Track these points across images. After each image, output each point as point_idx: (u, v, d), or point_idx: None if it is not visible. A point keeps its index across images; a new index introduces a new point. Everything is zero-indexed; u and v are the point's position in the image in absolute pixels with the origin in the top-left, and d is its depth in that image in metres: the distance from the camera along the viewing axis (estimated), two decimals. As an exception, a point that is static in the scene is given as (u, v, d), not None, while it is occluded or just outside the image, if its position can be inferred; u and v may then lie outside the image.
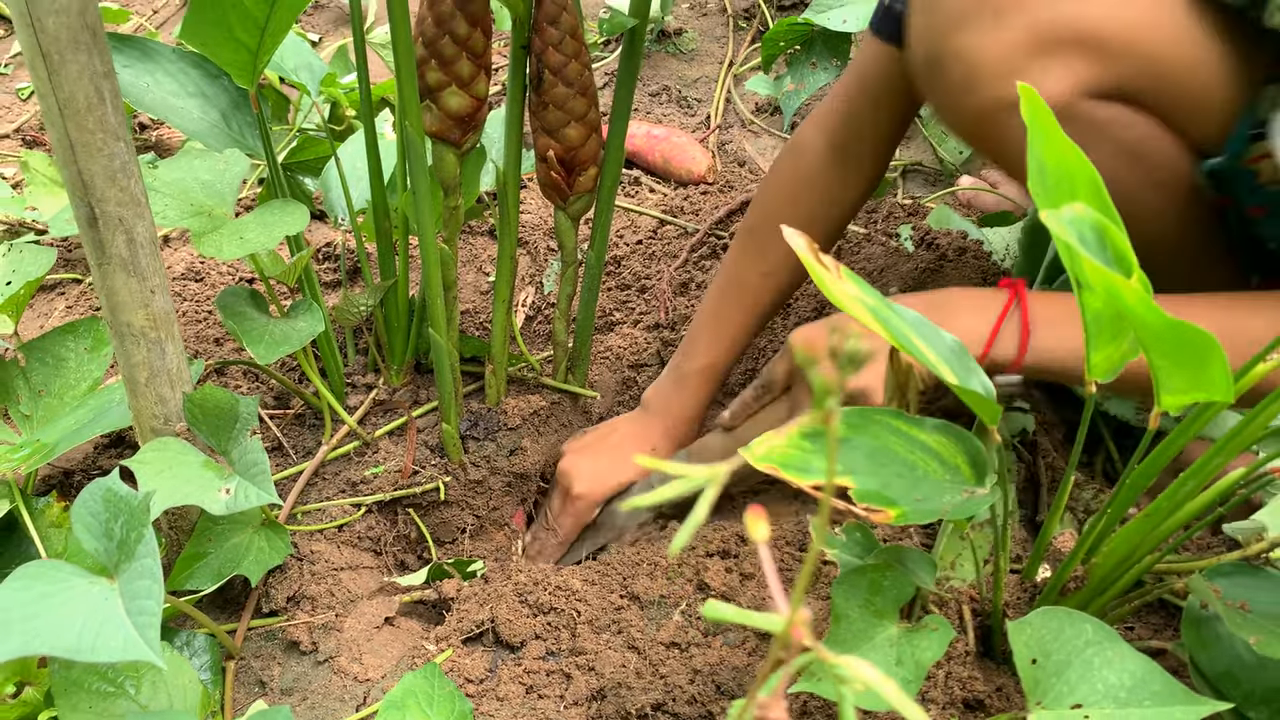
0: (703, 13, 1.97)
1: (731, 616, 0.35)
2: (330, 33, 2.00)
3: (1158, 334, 0.52)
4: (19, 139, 1.66)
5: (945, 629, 0.66)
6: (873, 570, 0.69)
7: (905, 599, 0.69)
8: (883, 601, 0.69)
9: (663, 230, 1.40)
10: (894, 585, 0.70)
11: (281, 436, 1.03)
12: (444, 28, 0.82)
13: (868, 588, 0.69)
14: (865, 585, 0.69)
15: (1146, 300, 0.50)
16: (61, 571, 0.63)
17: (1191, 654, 0.70)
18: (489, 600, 0.88)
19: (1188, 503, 0.66)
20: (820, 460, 0.61)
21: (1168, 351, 0.54)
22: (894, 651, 0.67)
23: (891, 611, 0.69)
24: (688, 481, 0.26)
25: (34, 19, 0.63)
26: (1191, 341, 0.52)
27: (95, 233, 0.71)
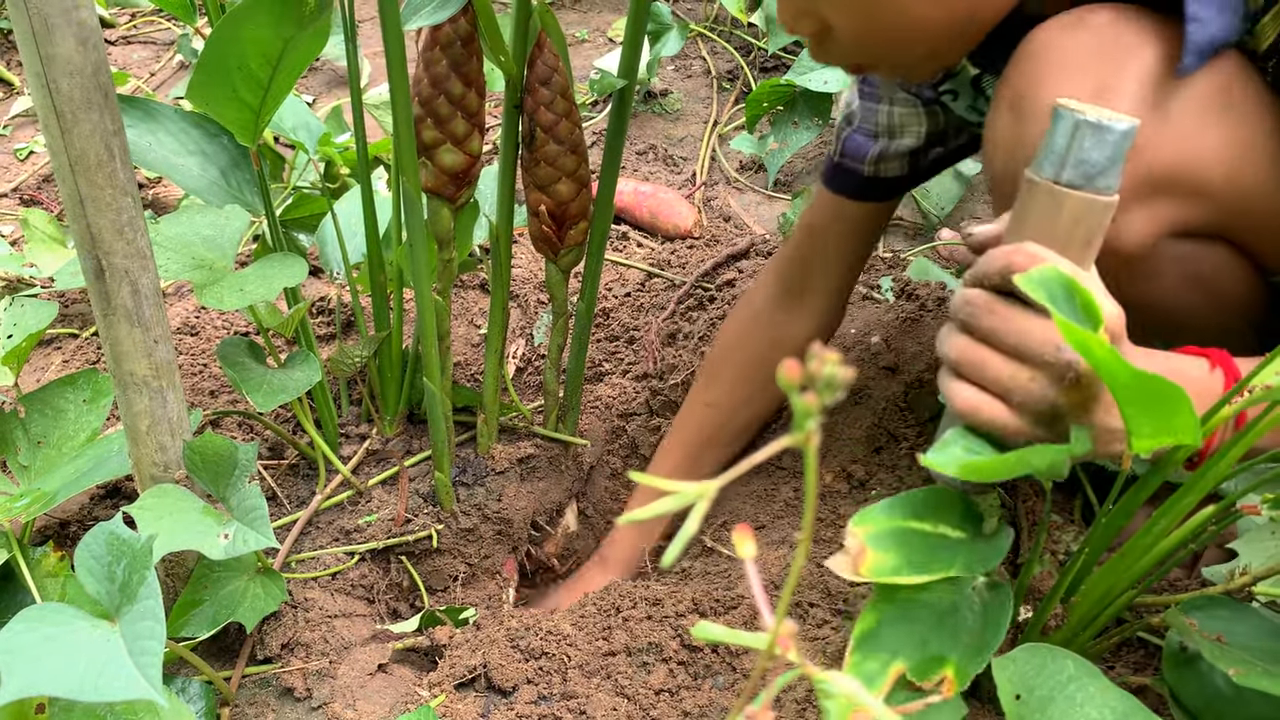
0: (687, 74, 2.02)
1: (721, 636, 0.37)
2: (324, 94, 2.05)
3: (1126, 385, 0.55)
4: (17, 198, 1.68)
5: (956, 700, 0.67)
6: None
7: None
8: None
9: (650, 283, 1.44)
10: None
11: (276, 486, 1.05)
12: (439, 88, 0.85)
13: None
14: None
15: (1114, 353, 0.52)
16: (64, 614, 0.64)
17: (1172, 688, 0.71)
18: (481, 646, 0.89)
19: (1161, 540, 0.68)
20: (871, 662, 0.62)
21: (1135, 400, 0.56)
22: None
23: None
24: (679, 497, 0.28)
25: (49, 80, 0.66)
26: (1158, 391, 0.54)
27: (102, 284, 0.73)
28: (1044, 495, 0.98)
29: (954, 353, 0.63)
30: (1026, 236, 0.61)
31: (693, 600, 0.90)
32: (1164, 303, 0.77)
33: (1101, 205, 0.59)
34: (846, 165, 1.05)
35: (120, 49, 2.18)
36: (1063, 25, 0.73)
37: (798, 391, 0.28)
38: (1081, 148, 0.57)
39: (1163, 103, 0.70)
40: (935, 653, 0.62)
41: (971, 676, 0.60)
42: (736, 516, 1.10)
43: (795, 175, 1.75)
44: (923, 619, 0.63)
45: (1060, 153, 0.58)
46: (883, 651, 0.62)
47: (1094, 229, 0.60)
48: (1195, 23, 0.68)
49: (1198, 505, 0.67)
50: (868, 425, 1.09)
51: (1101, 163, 0.58)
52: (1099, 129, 0.57)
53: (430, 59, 0.85)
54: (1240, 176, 0.71)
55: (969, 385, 0.63)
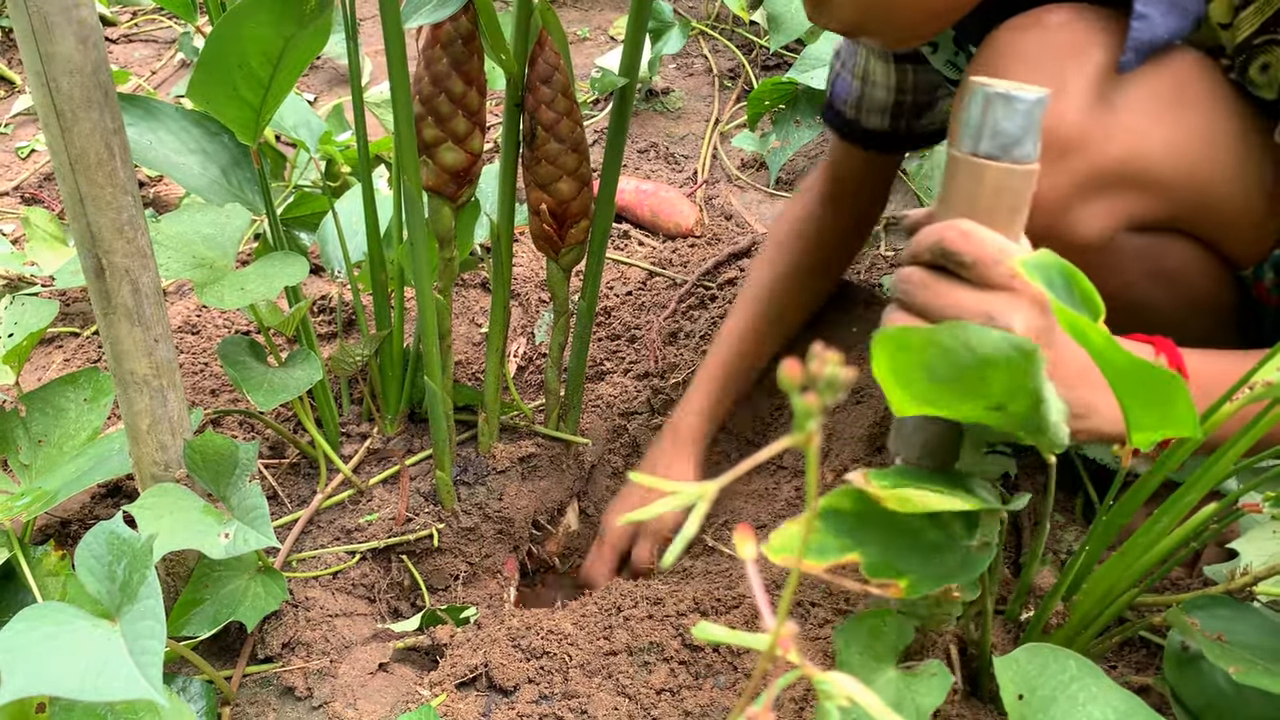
0: (689, 73, 2.02)
1: (722, 637, 0.37)
2: (325, 92, 2.05)
3: (1124, 373, 0.55)
4: (18, 196, 1.68)
5: (944, 674, 0.67)
6: (873, 617, 0.71)
7: (905, 644, 0.70)
8: (882, 646, 0.70)
9: (652, 282, 1.43)
10: (893, 630, 0.71)
11: (277, 485, 1.05)
12: (440, 86, 0.85)
13: (868, 633, 0.71)
14: (865, 631, 0.71)
15: (1112, 342, 0.53)
16: (65, 613, 0.64)
17: (1174, 688, 0.71)
18: (482, 645, 0.89)
19: (1162, 539, 0.68)
20: (832, 539, 0.63)
21: (1134, 390, 0.56)
22: (894, 694, 0.68)
23: (890, 656, 0.70)
24: (681, 498, 0.28)
25: (49, 79, 0.65)
26: (1155, 380, 0.54)
27: (102, 283, 0.73)
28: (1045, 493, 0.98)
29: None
30: (954, 210, 0.63)
31: (694, 599, 0.90)
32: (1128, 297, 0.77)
33: (1020, 174, 0.61)
34: (835, 104, 1.13)
35: (121, 47, 2.18)
36: (1021, 24, 0.75)
37: (798, 392, 0.28)
38: (995, 119, 0.59)
39: (1111, 98, 0.71)
40: (895, 564, 0.62)
41: (921, 593, 0.60)
42: (738, 515, 1.10)
43: (797, 173, 1.74)
44: (892, 534, 0.64)
45: (976, 126, 0.60)
46: (846, 538, 0.62)
47: (1017, 198, 0.62)
48: (1141, 20, 0.70)
49: (1199, 504, 0.67)
50: (868, 424, 1.09)
51: (1015, 132, 0.59)
52: (1009, 99, 0.59)
53: (431, 57, 0.85)
54: (1196, 170, 0.72)
55: None
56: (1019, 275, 0.59)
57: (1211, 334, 0.80)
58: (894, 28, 0.81)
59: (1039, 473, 1.00)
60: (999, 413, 0.58)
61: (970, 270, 0.61)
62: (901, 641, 0.70)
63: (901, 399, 0.58)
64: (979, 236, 0.61)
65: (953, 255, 0.61)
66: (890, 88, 1.08)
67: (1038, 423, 0.58)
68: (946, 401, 0.57)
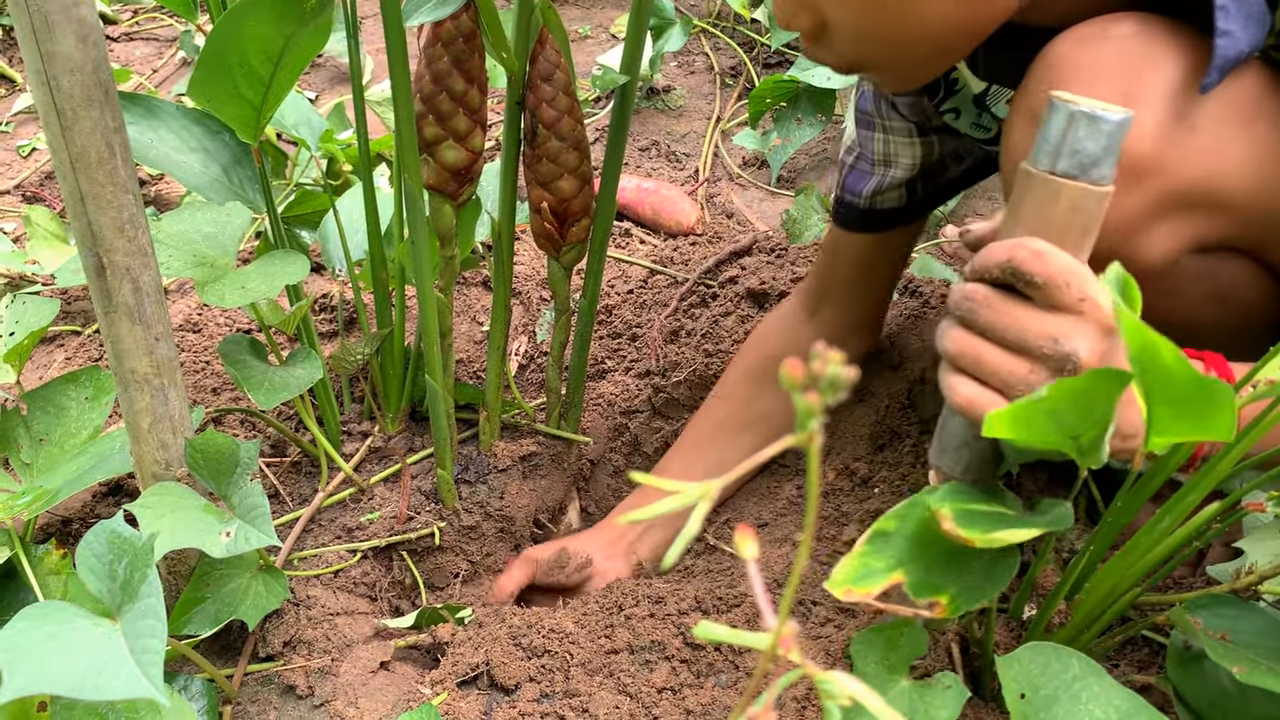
0: (690, 70, 2.02)
1: (723, 636, 0.37)
2: (326, 91, 2.05)
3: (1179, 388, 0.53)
4: (19, 195, 1.68)
5: (958, 688, 0.67)
6: (889, 628, 0.70)
7: (918, 654, 0.70)
8: (896, 657, 0.70)
9: (653, 280, 1.43)
10: (909, 641, 0.71)
11: (278, 484, 1.05)
12: (441, 85, 0.85)
13: (884, 644, 0.70)
14: (882, 642, 0.70)
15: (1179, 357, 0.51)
16: (66, 612, 0.64)
17: (1177, 687, 0.71)
18: (483, 644, 0.89)
19: (1165, 538, 0.67)
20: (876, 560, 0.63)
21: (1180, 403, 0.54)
22: (906, 705, 0.68)
23: (903, 667, 0.70)
24: (681, 498, 0.28)
25: (50, 77, 0.65)
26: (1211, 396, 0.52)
27: (103, 282, 0.73)
28: (1048, 491, 0.98)
29: (952, 346, 0.63)
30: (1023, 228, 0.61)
31: (695, 598, 0.90)
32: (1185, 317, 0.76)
33: (1097, 195, 0.60)
34: (846, 199, 1.06)
35: (122, 45, 2.18)
36: (1083, 36, 0.71)
37: (800, 390, 0.28)
38: (1077, 138, 0.58)
39: (1189, 116, 0.68)
40: (935, 581, 0.62)
41: (962, 610, 0.60)
42: (739, 514, 1.10)
43: (798, 171, 1.74)
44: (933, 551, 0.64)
45: (1056, 143, 0.59)
46: (889, 557, 0.63)
47: (1090, 219, 0.60)
48: (1225, 37, 0.66)
49: (1201, 502, 0.67)
50: (870, 423, 1.09)
51: (1096, 152, 0.58)
52: (1094, 119, 0.58)
53: (432, 55, 0.85)
54: (1265, 191, 0.69)
55: (968, 380, 0.63)
56: (1089, 299, 0.58)
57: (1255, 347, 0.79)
58: (897, 65, 0.78)
59: (1041, 471, 1.00)
60: (1073, 442, 0.58)
61: (1040, 291, 0.59)
62: (915, 652, 0.70)
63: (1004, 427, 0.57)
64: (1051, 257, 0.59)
65: (1023, 274, 0.59)
66: (914, 164, 1.02)
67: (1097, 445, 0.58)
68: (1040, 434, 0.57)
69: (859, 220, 1.06)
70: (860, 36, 0.75)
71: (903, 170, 1.02)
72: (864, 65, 0.79)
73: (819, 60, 0.79)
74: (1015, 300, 0.61)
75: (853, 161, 1.05)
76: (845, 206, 1.06)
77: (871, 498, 1.00)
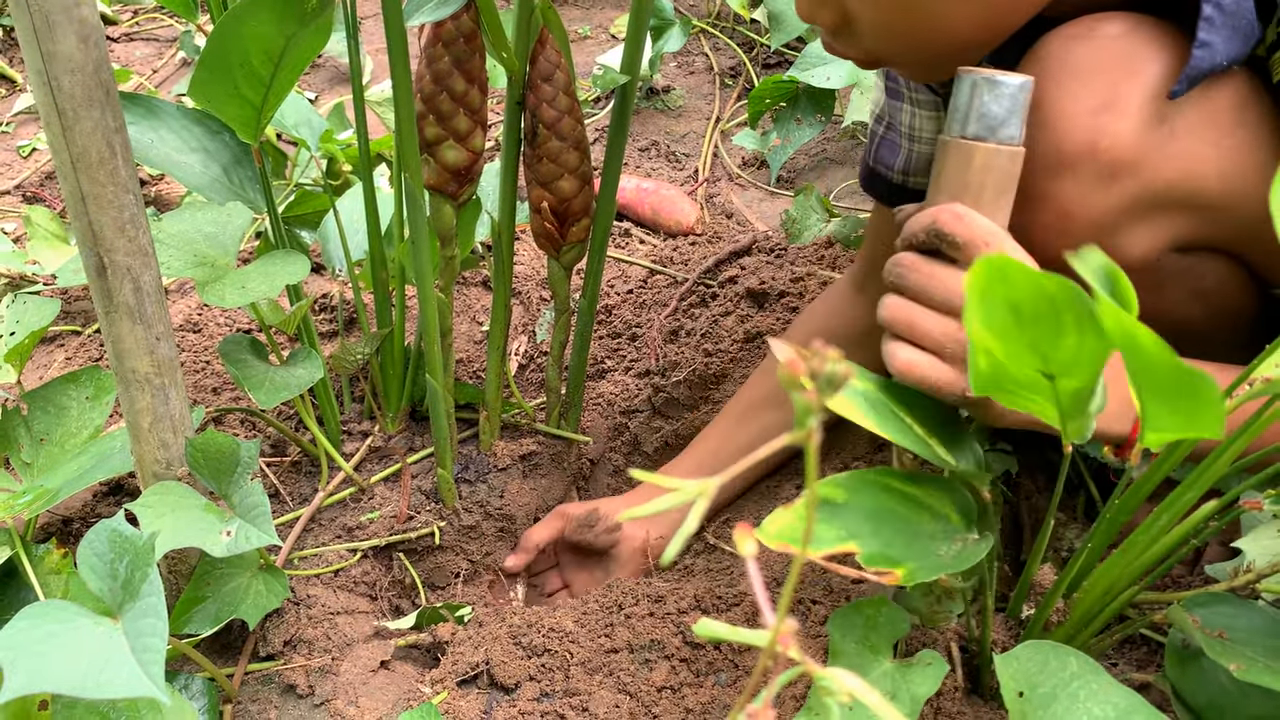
0: (690, 71, 2.02)
1: (723, 634, 0.37)
2: (326, 91, 2.05)
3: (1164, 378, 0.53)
4: (19, 195, 1.68)
5: (939, 664, 0.68)
6: (868, 606, 0.71)
7: (899, 635, 0.70)
8: (877, 637, 0.70)
9: (653, 280, 1.43)
10: (889, 622, 0.71)
11: (278, 483, 1.05)
12: (442, 85, 0.85)
13: (864, 624, 0.71)
14: (861, 620, 0.71)
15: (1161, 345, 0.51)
16: (67, 611, 0.64)
17: (1175, 685, 0.71)
18: (483, 643, 0.89)
19: (1163, 535, 0.68)
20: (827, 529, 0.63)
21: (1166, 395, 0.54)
22: (889, 685, 0.68)
23: (885, 647, 0.70)
24: (680, 494, 0.28)
25: (51, 78, 0.66)
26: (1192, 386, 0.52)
27: (103, 282, 0.73)
28: (1046, 491, 0.98)
29: (887, 314, 0.66)
30: (944, 193, 0.66)
31: (695, 597, 0.90)
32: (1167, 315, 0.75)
33: (1006, 154, 0.65)
34: (879, 171, 1.03)
35: (122, 46, 2.19)
36: (1072, 35, 0.71)
37: (798, 389, 0.28)
38: (981, 102, 0.64)
39: (1168, 120, 0.68)
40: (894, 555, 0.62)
41: (920, 579, 0.60)
42: (739, 513, 1.10)
43: (798, 172, 1.74)
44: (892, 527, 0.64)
45: (964, 109, 0.65)
46: (839, 527, 0.63)
47: (1003, 178, 0.65)
48: (1204, 49, 0.66)
49: (1198, 501, 0.67)
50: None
51: (1001, 114, 0.64)
52: (994, 83, 0.64)
53: (433, 55, 0.85)
54: (1248, 195, 0.69)
55: (905, 345, 0.65)
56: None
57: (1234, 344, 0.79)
58: (921, 59, 0.77)
59: (1040, 471, 1.00)
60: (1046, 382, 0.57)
61: (962, 251, 0.63)
62: (897, 632, 0.70)
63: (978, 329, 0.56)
64: (971, 218, 0.63)
65: (946, 236, 0.63)
66: None
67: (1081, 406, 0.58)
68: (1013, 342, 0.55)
69: (889, 194, 1.03)
70: (884, 32, 0.74)
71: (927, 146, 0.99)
72: (886, 59, 0.78)
73: (839, 54, 0.78)
74: (941, 263, 0.64)
75: (883, 132, 1.03)
76: (877, 178, 1.04)
77: (871, 497, 1.00)
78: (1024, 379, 0.57)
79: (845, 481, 0.65)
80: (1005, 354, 0.55)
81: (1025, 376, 0.57)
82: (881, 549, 0.62)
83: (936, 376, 0.64)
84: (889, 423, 0.65)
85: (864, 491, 0.65)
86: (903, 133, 1.00)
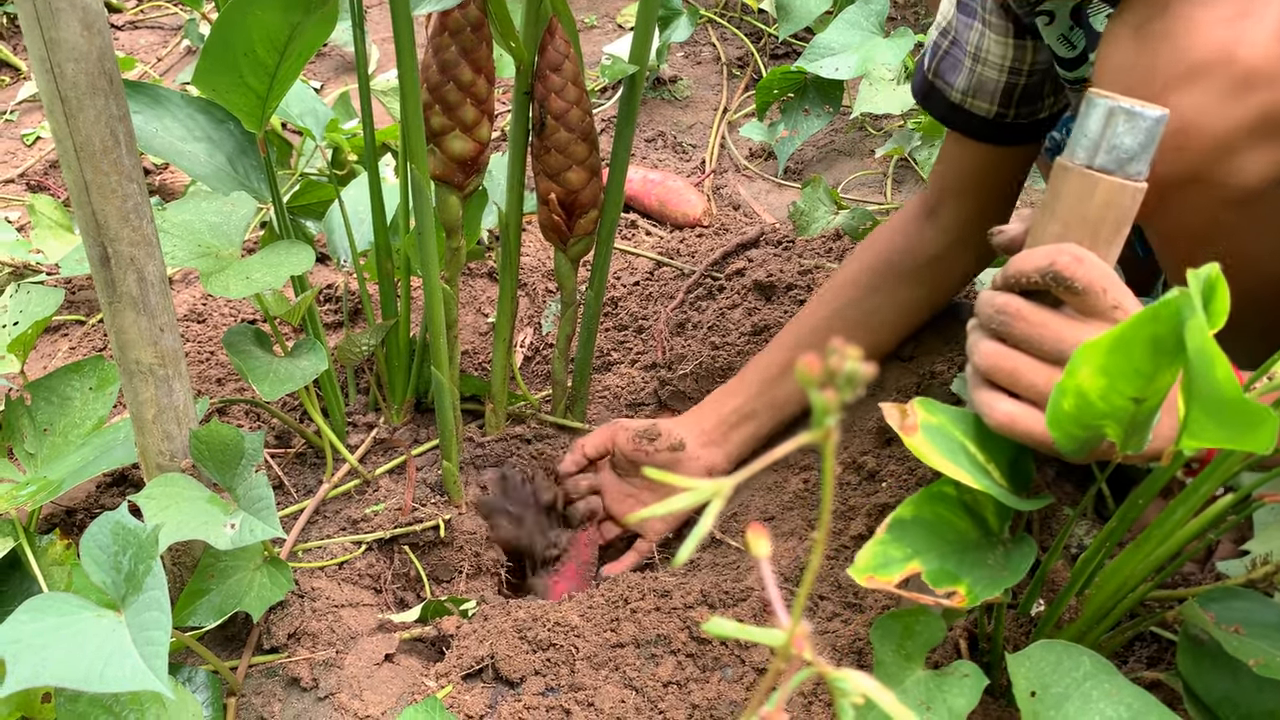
0: (697, 61, 2.01)
1: (733, 632, 0.36)
2: (332, 79, 2.04)
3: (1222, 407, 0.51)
4: (24, 183, 1.68)
5: (977, 675, 0.66)
6: (907, 615, 0.70)
7: (935, 642, 0.69)
8: (914, 645, 0.69)
9: (659, 272, 1.43)
10: (925, 629, 0.70)
11: (283, 475, 1.04)
12: (448, 74, 0.84)
13: (901, 631, 0.70)
14: (900, 629, 0.70)
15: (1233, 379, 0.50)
16: (70, 604, 0.64)
17: (1187, 682, 0.70)
18: (488, 637, 0.89)
19: (1178, 530, 0.67)
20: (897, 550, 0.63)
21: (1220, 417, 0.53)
22: (924, 694, 0.67)
23: (920, 655, 0.69)
24: (695, 495, 0.27)
25: (54, 65, 0.65)
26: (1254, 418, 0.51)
27: (107, 272, 0.72)
28: (1054, 486, 0.97)
29: (986, 362, 0.62)
30: (1058, 221, 0.62)
31: (701, 592, 0.90)
32: (1256, 266, 0.71)
33: (1132, 191, 0.61)
34: (937, 85, 0.99)
35: (127, 34, 2.18)
36: None
37: (816, 388, 0.27)
38: (1115, 133, 0.60)
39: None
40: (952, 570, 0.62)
41: (981, 599, 0.60)
42: (745, 508, 1.09)
43: (805, 163, 1.73)
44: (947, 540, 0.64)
45: (1094, 138, 0.60)
46: (908, 546, 0.63)
47: (1123, 215, 0.61)
48: None
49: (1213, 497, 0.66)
50: (879, 417, 1.08)
51: (1134, 148, 0.60)
52: (1132, 114, 0.59)
53: (439, 45, 0.84)
54: None
55: (1004, 396, 0.62)
56: (1121, 307, 0.58)
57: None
58: None
59: (1049, 465, 0.99)
60: (1129, 409, 0.56)
61: (1078, 298, 0.59)
62: (933, 640, 0.69)
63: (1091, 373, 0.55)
64: (1090, 263, 0.59)
65: (1064, 280, 0.59)
66: (1004, 68, 0.94)
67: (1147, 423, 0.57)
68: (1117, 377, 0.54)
69: (945, 113, 0.99)
70: None
71: (993, 71, 0.95)
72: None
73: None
74: (1050, 310, 0.60)
75: (947, 46, 0.98)
76: (935, 93, 0.99)
77: (879, 491, 0.99)
78: (1108, 410, 0.56)
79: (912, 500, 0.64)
80: (1101, 390, 0.54)
81: (1113, 407, 0.56)
82: (940, 564, 0.62)
83: (1043, 431, 0.61)
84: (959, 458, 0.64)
85: (926, 505, 0.64)
86: (969, 51, 0.96)
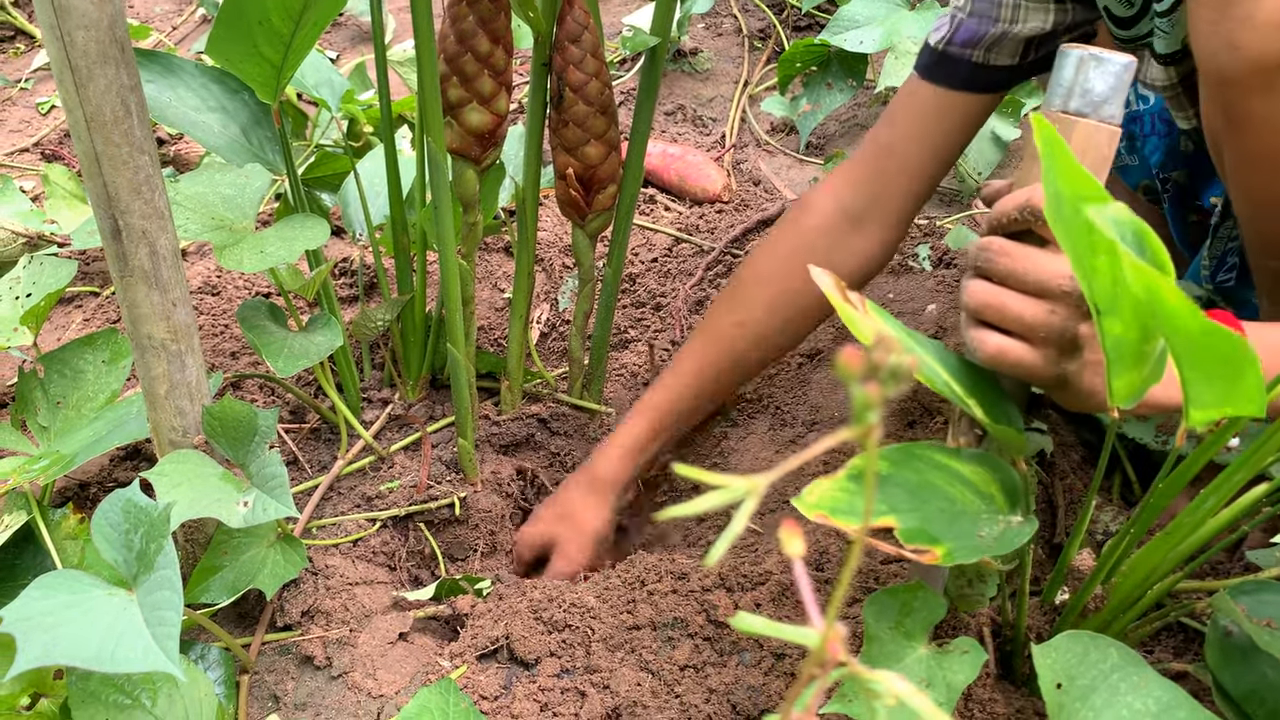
0: (718, 33, 1.98)
1: (762, 629, 0.35)
2: (348, 50, 2.02)
3: (1192, 339, 0.52)
4: (38, 153, 1.67)
5: (976, 651, 0.65)
6: (904, 591, 0.69)
7: (935, 620, 0.68)
8: (913, 623, 0.68)
9: (678, 248, 1.41)
10: (924, 606, 0.69)
11: (297, 451, 1.03)
12: (466, 45, 0.82)
13: (899, 609, 0.69)
14: (897, 606, 0.69)
15: (1187, 303, 0.49)
16: (81, 582, 0.63)
17: (1215, 675, 0.69)
18: (504, 617, 0.88)
19: (1208, 520, 0.65)
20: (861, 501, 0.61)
21: (1200, 361, 0.53)
22: (924, 672, 0.66)
23: (921, 633, 0.68)
24: (727, 492, 0.26)
25: (63, 33, 0.63)
26: (1225, 349, 0.51)
27: (119, 245, 0.71)
28: (1080, 471, 0.95)
29: (975, 299, 0.65)
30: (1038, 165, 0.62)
31: (719, 575, 0.89)
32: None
33: (1106, 132, 0.65)
34: (953, 54, 0.94)
35: (142, 1, 2.16)
36: None
37: (858, 382, 0.26)
38: (1086, 78, 0.65)
39: None
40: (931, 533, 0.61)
41: (959, 561, 0.59)
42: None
43: (828, 138, 1.71)
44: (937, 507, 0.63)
45: (1068, 85, 0.65)
46: (881, 501, 0.62)
47: (1100, 157, 0.66)
48: None
49: (1246, 485, 0.65)
50: (901, 397, 1.07)
51: (1105, 92, 0.65)
52: (1101, 60, 0.64)
53: (457, 14, 0.82)
54: None
55: (992, 330, 0.65)
56: None
57: None
58: None
59: (1074, 450, 0.98)
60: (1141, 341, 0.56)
61: None
62: (933, 618, 0.68)
63: None
64: None
65: (1040, 213, 0.61)
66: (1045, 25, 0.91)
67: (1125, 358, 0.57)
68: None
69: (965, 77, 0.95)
70: None
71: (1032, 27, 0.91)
72: None
73: None
74: (1028, 246, 0.64)
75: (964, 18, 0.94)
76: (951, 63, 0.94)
77: (900, 474, 0.98)
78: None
79: (891, 454, 0.63)
80: None
81: None
82: (920, 525, 0.61)
83: (1032, 360, 0.63)
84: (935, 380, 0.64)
85: (908, 465, 0.63)
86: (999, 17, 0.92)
